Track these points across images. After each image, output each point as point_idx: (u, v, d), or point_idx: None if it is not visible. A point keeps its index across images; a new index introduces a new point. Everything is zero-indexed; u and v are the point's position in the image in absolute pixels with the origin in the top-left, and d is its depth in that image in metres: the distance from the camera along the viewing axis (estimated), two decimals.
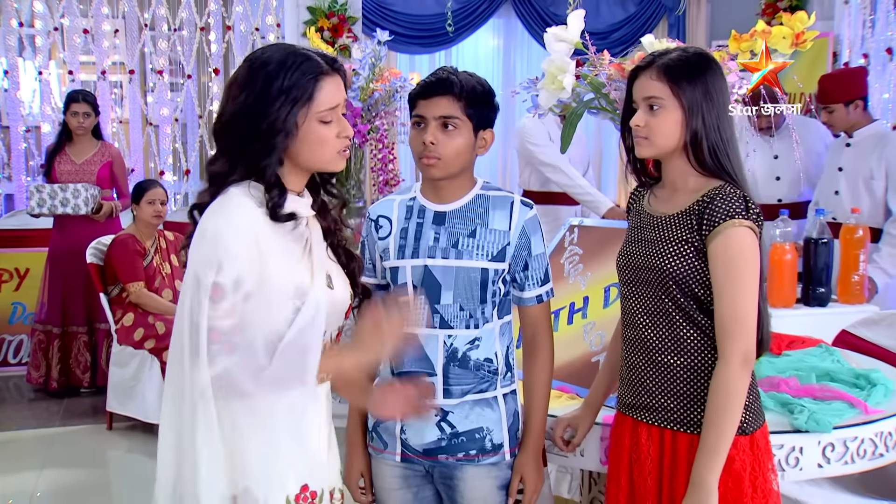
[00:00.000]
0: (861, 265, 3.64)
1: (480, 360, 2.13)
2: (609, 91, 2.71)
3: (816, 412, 2.28)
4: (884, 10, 5.04)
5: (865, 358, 2.95)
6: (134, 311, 4.72)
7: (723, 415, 1.86)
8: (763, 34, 2.62)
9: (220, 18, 6.52)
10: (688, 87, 1.91)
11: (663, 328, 1.97)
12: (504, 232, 2.11)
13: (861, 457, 2.31)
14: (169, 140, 6.52)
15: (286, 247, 1.70)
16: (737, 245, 1.87)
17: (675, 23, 7.44)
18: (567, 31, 2.82)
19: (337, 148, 1.73)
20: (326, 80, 1.69)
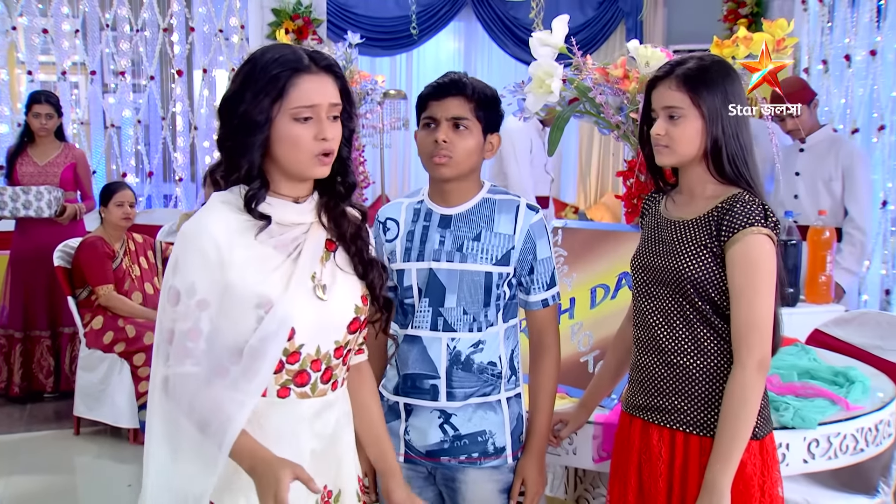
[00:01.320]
0: (828, 266, 3.74)
1: (484, 364, 2.13)
2: (595, 95, 2.74)
3: (801, 409, 2.33)
4: (841, 17, 5.18)
5: (838, 356, 3.03)
6: (103, 314, 4.65)
7: (738, 419, 1.88)
8: (745, 40, 2.68)
9: (183, 19, 6.45)
10: (707, 95, 1.92)
11: (680, 331, 1.98)
12: (509, 236, 2.12)
13: (844, 452, 2.37)
14: (131, 142, 6.43)
15: (261, 254, 1.62)
16: (755, 252, 1.88)
17: (633, 27, 7.55)
18: (552, 36, 2.85)
19: (313, 151, 1.61)
20: (305, 77, 1.61)
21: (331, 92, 1.64)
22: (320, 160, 1.62)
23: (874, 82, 5.00)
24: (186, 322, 1.58)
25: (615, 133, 2.82)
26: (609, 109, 2.71)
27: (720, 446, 1.89)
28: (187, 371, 1.58)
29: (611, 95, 2.72)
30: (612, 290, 2.70)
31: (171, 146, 6.53)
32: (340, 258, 1.74)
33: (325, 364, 1.69)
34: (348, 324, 1.72)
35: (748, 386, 1.88)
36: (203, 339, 1.59)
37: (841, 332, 3.25)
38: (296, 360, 1.65)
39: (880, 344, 3.10)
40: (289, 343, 1.62)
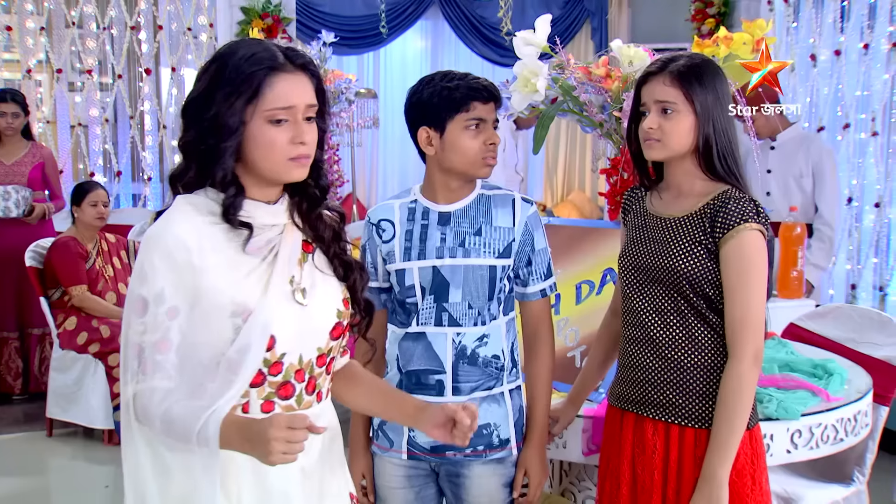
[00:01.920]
0: (800, 261, 3.83)
1: (488, 357, 2.16)
2: (579, 94, 2.77)
3: (784, 401, 2.38)
4: (806, 18, 5.29)
5: (814, 349, 3.10)
6: (77, 314, 4.60)
7: (734, 411, 1.91)
8: (725, 40, 2.74)
9: (150, 17, 6.38)
10: (700, 93, 1.95)
11: (675, 326, 2.00)
12: (508, 229, 2.16)
13: (825, 442, 2.42)
14: (99, 141, 6.35)
15: (233, 259, 1.51)
16: (749, 248, 1.91)
17: (598, 26, 7.62)
18: (535, 35, 2.88)
19: (287, 154, 1.50)
20: (281, 77, 1.50)
21: (307, 92, 1.54)
22: (297, 163, 1.52)
23: (839, 81, 5.11)
24: (155, 333, 1.47)
25: (598, 131, 2.85)
26: (592, 108, 2.74)
27: (717, 438, 1.92)
28: (155, 385, 1.47)
29: (594, 94, 2.75)
30: (597, 286, 2.72)
31: (140, 145, 6.46)
32: (319, 260, 1.65)
33: (307, 374, 1.58)
34: (331, 329, 1.61)
35: (744, 378, 1.91)
36: (173, 351, 1.47)
37: (815, 326, 3.31)
38: (278, 370, 1.54)
39: (854, 337, 3.15)
40: (269, 353, 1.51)
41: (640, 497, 2.06)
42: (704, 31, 6.13)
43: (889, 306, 4.79)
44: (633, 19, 7.56)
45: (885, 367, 2.97)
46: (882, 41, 4.82)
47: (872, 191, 4.94)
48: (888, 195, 4.83)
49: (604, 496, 2.16)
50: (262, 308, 1.49)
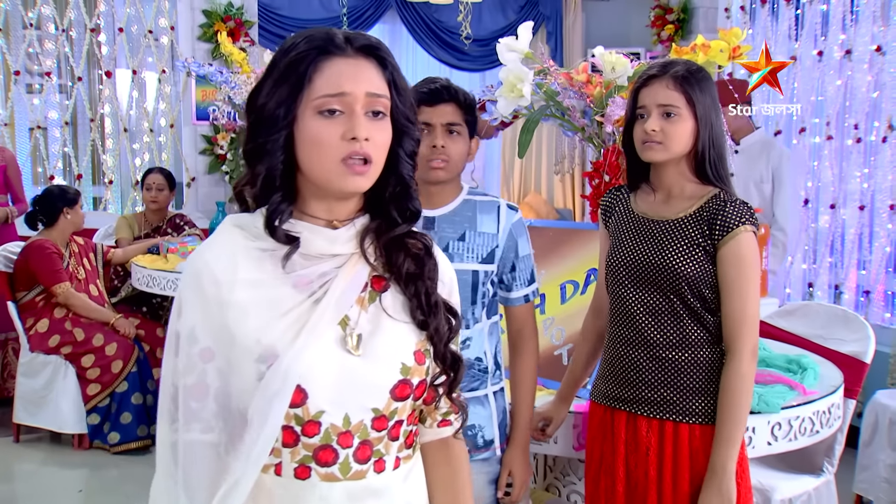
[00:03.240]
0: (764, 261, 3.95)
1: (471, 360, 2.16)
2: (563, 99, 2.83)
3: (764, 395, 2.43)
4: (762, 25, 5.46)
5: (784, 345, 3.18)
6: (49, 316, 4.56)
7: (738, 405, 1.97)
8: (703, 48, 2.83)
9: (111, 20, 6.30)
10: (700, 98, 1.99)
11: (669, 326, 2.04)
12: (493, 235, 2.16)
13: (802, 434, 2.48)
14: (59, 144, 6.25)
15: (272, 293, 1.27)
16: (746, 249, 1.98)
17: (554, 30, 7.72)
18: (517, 41, 2.91)
19: (339, 153, 1.24)
20: (335, 61, 1.26)
21: (369, 79, 1.27)
22: (352, 168, 1.25)
23: (794, 87, 5.28)
24: (189, 376, 1.28)
25: (579, 135, 2.91)
26: (575, 113, 2.78)
27: (723, 432, 1.98)
28: (194, 438, 1.28)
29: (576, 99, 2.80)
30: (581, 286, 2.76)
31: (101, 148, 6.38)
32: (391, 301, 1.36)
33: (358, 438, 1.29)
34: (392, 388, 1.31)
35: (745, 373, 1.98)
36: (212, 398, 1.27)
37: (784, 323, 3.40)
38: (314, 431, 1.27)
39: (822, 333, 3.25)
40: (300, 409, 1.25)
41: (636, 494, 2.10)
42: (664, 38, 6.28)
43: (844, 303, 4.95)
44: (588, 24, 7.68)
45: (852, 361, 3.05)
46: (834, 48, 5.00)
47: (827, 192, 5.10)
48: (842, 197, 5.00)
49: (599, 494, 2.19)
50: (287, 354, 1.24)
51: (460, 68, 7.66)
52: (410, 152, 1.35)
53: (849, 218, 4.99)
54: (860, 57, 4.88)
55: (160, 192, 5.23)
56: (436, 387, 1.39)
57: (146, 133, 6.37)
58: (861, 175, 4.88)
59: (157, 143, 6.41)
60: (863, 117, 4.85)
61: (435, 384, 1.39)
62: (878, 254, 4.79)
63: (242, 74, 4.86)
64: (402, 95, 1.31)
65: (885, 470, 3.65)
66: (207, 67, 5.12)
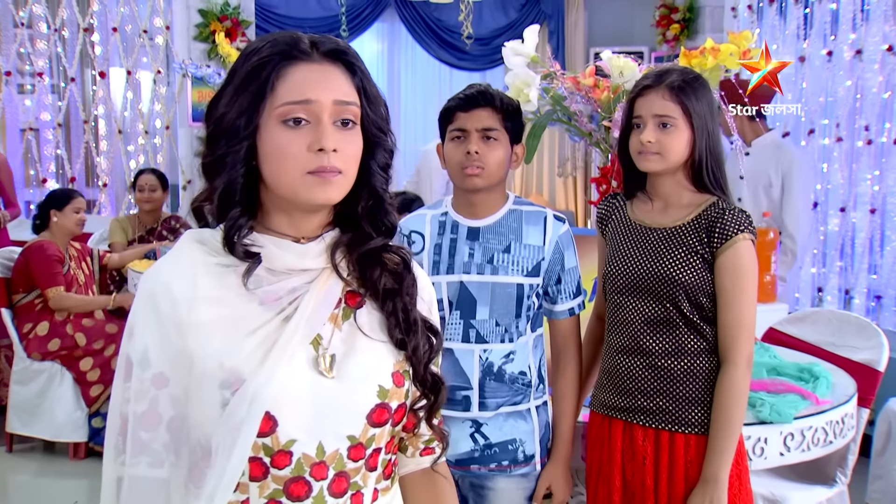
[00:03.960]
0: (773, 266, 3.88)
1: (515, 374, 2.14)
2: (570, 104, 2.77)
3: (776, 405, 2.42)
4: (769, 24, 5.38)
5: (795, 353, 3.15)
6: (50, 319, 4.46)
7: (732, 414, 1.97)
8: (712, 51, 2.77)
9: (104, 19, 6.21)
10: (696, 108, 1.99)
11: (665, 335, 2.04)
12: (538, 247, 2.13)
13: (815, 444, 2.46)
14: (51, 146, 6.16)
15: (236, 312, 1.17)
16: (744, 258, 1.98)
17: (555, 29, 7.65)
18: (523, 45, 2.85)
19: (304, 165, 1.14)
20: (299, 66, 1.16)
21: (336, 86, 1.17)
22: (319, 178, 1.15)
23: (802, 87, 5.19)
24: (140, 403, 1.16)
25: (586, 140, 2.86)
26: (582, 118, 2.74)
27: (717, 441, 1.97)
28: (140, 474, 1.17)
29: (583, 104, 2.75)
30: (588, 294, 2.73)
31: (95, 150, 6.30)
32: (366, 318, 1.26)
33: (333, 469, 1.19)
34: (369, 412, 1.21)
35: (740, 382, 1.98)
36: (164, 428, 1.16)
37: (795, 330, 3.37)
38: (285, 462, 1.16)
39: (833, 341, 3.21)
40: (269, 438, 1.14)
41: (633, 502, 2.09)
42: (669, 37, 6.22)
43: (854, 309, 4.90)
44: (590, 22, 7.61)
45: (865, 369, 3.02)
46: (844, 48, 4.93)
47: (837, 195, 5.03)
48: (852, 200, 4.93)
49: (598, 502, 2.17)
50: (255, 378, 1.13)
51: (461, 68, 7.60)
52: (383, 164, 1.25)
53: (859, 221, 4.92)
54: (871, 57, 4.80)
55: (153, 192, 5.13)
56: (415, 411, 1.30)
57: (141, 135, 6.29)
58: (872, 178, 4.81)
59: (153, 146, 6.33)
60: (873, 118, 4.78)
61: (415, 408, 1.30)
62: (890, 258, 4.72)
63: None
64: (374, 104, 1.22)
65: None
66: (205, 69, 5.05)
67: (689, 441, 2.02)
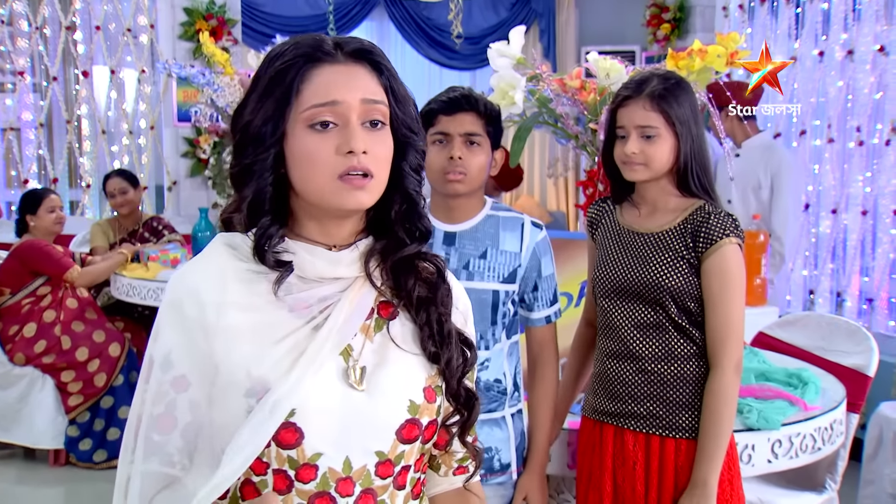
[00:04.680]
0: (763, 269, 3.84)
1: (490, 381, 2.11)
2: (556, 106, 2.73)
3: (764, 411, 2.40)
4: (760, 24, 5.33)
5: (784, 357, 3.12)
6: (38, 320, 4.38)
7: (721, 419, 1.96)
8: (700, 53, 2.72)
9: (87, 17, 6.11)
10: (679, 115, 1.98)
11: (655, 340, 2.04)
12: (515, 254, 2.10)
13: (804, 451, 2.45)
14: (33, 146, 6.06)
15: (266, 318, 1.14)
16: (730, 262, 1.98)
17: (546, 28, 7.61)
18: (509, 46, 2.81)
19: (334, 169, 1.11)
20: (323, 68, 1.13)
21: (363, 85, 1.14)
22: (350, 184, 1.11)
23: (794, 88, 5.15)
24: (158, 405, 1.14)
25: (573, 143, 2.82)
26: (568, 120, 2.71)
27: (706, 446, 1.97)
28: (153, 469, 1.14)
29: (569, 106, 2.72)
30: (574, 299, 2.73)
31: (78, 151, 6.20)
32: (399, 330, 1.22)
33: (360, 486, 1.15)
34: (398, 428, 1.17)
35: (728, 387, 1.97)
36: (178, 433, 1.13)
37: (784, 335, 3.35)
38: (310, 476, 1.12)
39: (823, 345, 3.19)
40: (295, 450, 1.11)
41: None
42: (660, 37, 6.18)
43: (846, 311, 4.86)
44: (581, 21, 7.58)
45: (855, 374, 3.00)
46: (836, 49, 4.88)
47: (829, 197, 4.98)
48: (844, 201, 4.88)
49: None
50: (280, 386, 1.09)
51: (451, 67, 7.55)
52: (416, 166, 1.22)
53: (851, 223, 4.87)
54: (862, 57, 4.75)
55: (124, 195, 5.00)
56: (448, 428, 1.26)
57: (125, 135, 6.20)
58: (863, 179, 4.75)
59: (137, 146, 6.23)
60: (865, 119, 4.73)
61: (447, 424, 1.26)
62: (882, 260, 4.67)
63: (226, 76, 4.70)
64: (402, 103, 1.19)
65: (890, 485, 3.57)
66: (189, 69, 4.97)
67: (679, 446, 2.02)
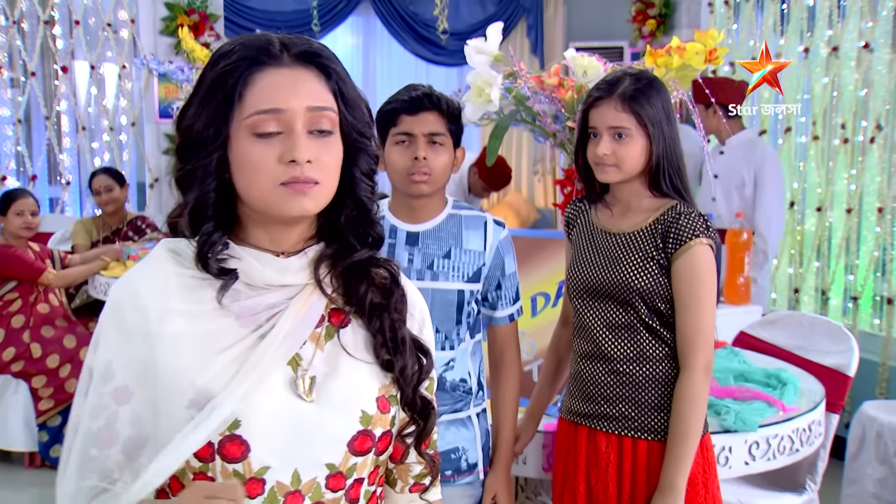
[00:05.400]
0: (746, 267, 3.82)
1: (456, 381, 2.11)
2: (533, 104, 2.70)
3: (741, 412, 2.40)
4: (746, 20, 5.28)
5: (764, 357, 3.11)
6: (6, 326, 4.32)
7: (689, 421, 1.95)
8: (678, 50, 2.69)
9: (66, 12, 6.00)
10: (651, 115, 1.97)
11: (625, 341, 2.03)
12: (479, 252, 2.10)
13: (781, 453, 2.44)
14: (11, 143, 5.96)
15: (209, 327, 1.10)
16: (700, 262, 1.96)
17: (534, 24, 7.56)
18: (486, 43, 2.78)
19: (276, 177, 1.07)
20: (268, 72, 1.09)
21: (309, 91, 1.10)
22: (293, 190, 1.08)
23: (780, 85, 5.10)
24: (97, 420, 1.09)
25: (551, 141, 2.79)
26: (546, 118, 2.68)
27: (674, 448, 1.96)
28: (89, 485, 1.09)
29: (547, 104, 2.69)
30: (552, 299, 2.71)
31: (57, 147, 6.10)
32: (351, 338, 1.18)
33: (310, 500, 1.11)
34: (350, 440, 1.13)
35: (697, 389, 1.96)
36: (119, 448, 1.09)
37: (766, 334, 3.34)
38: (257, 491, 1.08)
39: (803, 344, 3.19)
40: (241, 464, 1.07)
41: None
42: (645, 32, 6.14)
43: (831, 310, 4.83)
44: (569, 17, 7.53)
45: (835, 374, 3.00)
46: (821, 45, 4.85)
47: (814, 195, 4.95)
48: (829, 199, 4.85)
49: None
50: (222, 395, 1.06)
51: (437, 63, 7.49)
52: (367, 171, 1.17)
53: (836, 221, 4.84)
54: (848, 54, 4.72)
55: (110, 192, 4.95)
56: (403, 439, 1.22)
57: (106, 131, 6.10)
58: (848, 176, 4.72)
59: (118, 142, 6.13)
60: (850, 116, 4.69)
61: (403, 435, 1.22)
62: (866, 258, 4.64)
63: None
64: (353, 108, 1.14)
65: (872, 485, 3.57)
66: (167, 65, 4.92)
67: (651, 448, 2.01)
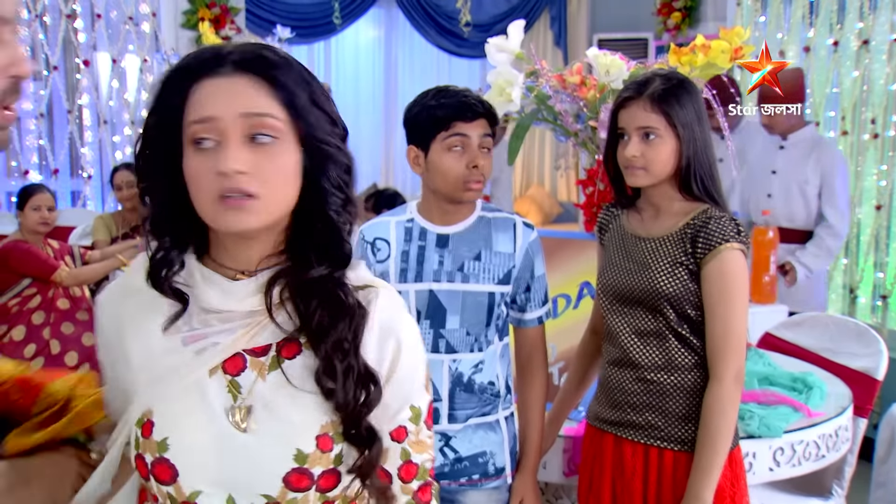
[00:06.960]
0: (771, 266, 3.75)
1: (484, 384, 2.10)
2: (554, 103, 2.66)
3: (766, 417, 2.35)
4: (774, 12, 5.20)
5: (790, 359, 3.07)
6: (27, 322, 4.28)
7: (718, 432, 1.90)
8: (703, 48, 2.64)
9: (88, 5, 6.02)
10: (681, 115, 1.93)
11: (654, 348, 2.00)
12: (509, 255, 2.10)
13: (807, 459, 2.40)
14: (34, 136, 6.00)
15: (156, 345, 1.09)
16: (730, 267, 1.91)
17: (557, 15, 7.51)
18: (508, 41, 2.75)
19: (212, 191, 1.02)
20: (203, 83, 1.04)
21: (244, 98, 1.03)
22: (226, 205, 1.01)
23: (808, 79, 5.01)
24: None
25: (573, 140, 2.76)
26: (568, 117, 2.65)
27: (701, 459, 1.90)
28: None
29: (569, 103, 2.65)
30: (573, 300, 2.68)
31: (79, 141, 6.11)
32: (298, 367, 1.09)
33: None
34: (285, 475, 1.06)
35: (726, 398, 1.90)
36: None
37: (792, 336, 3.28)
38: None
39: (831, 347, 3.12)
40: (171, 487, 1.05)
41: None
42: (671, 26, 6.06)
43: (860, 308, 4.76)
44: (593, 8, 7.47)
45: (863, 378, 2.94)
46: (851, 38, 4.76)
47: None
48: (858, 195, 4.76)
49: None
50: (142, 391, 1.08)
51: (459, 55, 7.46)
52: (338, 183, 1.08)
53: (865, 217, 4.76)
54: (878, 47, 4.62)
55: (131, 189, 4.90)
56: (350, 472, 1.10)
57: (127, 125, 6.12)
58: (878, 172, 4.63)
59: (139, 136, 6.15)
60: (880, 111, 4.60)
61: (350, 470, 1.10)
62: None
63: None
64: (307, 113, 1.06)
65: None
66: None
67: (678, 459, 1.97)
